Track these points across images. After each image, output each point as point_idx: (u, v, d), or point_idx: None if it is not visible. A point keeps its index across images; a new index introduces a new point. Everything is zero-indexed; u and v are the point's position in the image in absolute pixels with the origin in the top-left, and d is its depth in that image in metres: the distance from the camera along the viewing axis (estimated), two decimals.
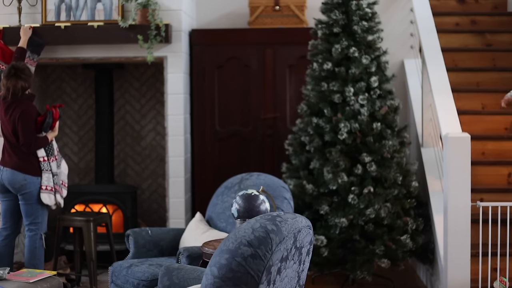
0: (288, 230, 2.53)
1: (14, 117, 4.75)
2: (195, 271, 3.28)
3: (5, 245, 4.91)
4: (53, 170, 4.92)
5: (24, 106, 4.78)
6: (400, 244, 4.98)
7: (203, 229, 4.47)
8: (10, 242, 4.93)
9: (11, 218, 4.93)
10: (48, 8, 5.66)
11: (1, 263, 4.89)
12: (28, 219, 4.85)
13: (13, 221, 4.94)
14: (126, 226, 5.90)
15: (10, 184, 4.80)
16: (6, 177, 4.79)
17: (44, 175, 4.86)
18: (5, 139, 4.89)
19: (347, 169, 5.01)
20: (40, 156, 4.88)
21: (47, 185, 4.84)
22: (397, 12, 6.47)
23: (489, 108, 5.88)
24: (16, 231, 4.98)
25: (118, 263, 4.28)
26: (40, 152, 4.88)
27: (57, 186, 4.92)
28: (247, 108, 6.04)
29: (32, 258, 4.85)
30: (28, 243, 4.86)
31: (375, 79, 5.13)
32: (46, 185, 4.83)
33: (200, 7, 6.49)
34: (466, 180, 4.47)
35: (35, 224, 4.86)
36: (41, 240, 4.87)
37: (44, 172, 4.86)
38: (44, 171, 4.87)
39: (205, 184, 6.01)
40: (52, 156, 4.94)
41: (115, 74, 6.36)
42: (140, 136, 6.46)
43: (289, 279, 2.64)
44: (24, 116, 4.74)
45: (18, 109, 4.76)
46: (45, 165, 4.89)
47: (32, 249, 4.85)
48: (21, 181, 4.78)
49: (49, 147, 4.94)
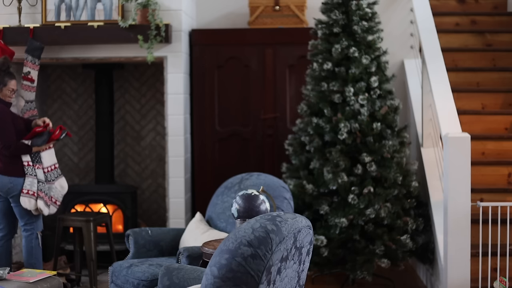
0: (288, 230, 2.53)
1: None
2: (195, 271, 3.28)
3: (1, 246, 4.91)
4: (38, 177, 4.89)
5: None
6: (400, 244, 4.98)
7: (203, 229, 4.47)
8: (6, 243, 4.93)
9: (4, 219, 4.92)
10: (48, 8, 5.66)
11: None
12: (22, 220, 4.86)
13: (6, 222, 4.93)
14: (126, 226, 5.90)
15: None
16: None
17: (28, 179, 4.83)
18: None
19: (347, 169, 5.01)
20: (24, 160, 4.87)
21: (29, 190, 4.81)
22: (397, 12, 6.47)
23: (489, 108, 5.88)
24: (11, 232, 4.97)
25: (118, 263, 4.28)
26: (24, 157, 4.87)
27: (41, 193, 4.87)
28: (247, 108, 6.04)
29: (30, 257, 4.86)
30: (25, 243, 4.87)
31: (375, 79, 5.13)
32: (28, 189, 4.80)
33: (200, 7, 6.49)
34: (466, 180, 4.47)
35: (30, 224, 4.87)
36: (37, 239, 4.87)
37: (27, 176, 4.84)
38: (27, 175, 4.84)
39: (205, 184, 6.01)
40: (38, 164, 4.93)
41: (115, 74, 6.36)
42: (140, 136, 6.46)
43: (289, 279, 2.64)
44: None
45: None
46: (29, 170, 4.86)
47: (29, 249, 4.86)
48: (8, 184, 4.78)
49: (35, 155, 4.93)
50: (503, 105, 5.91)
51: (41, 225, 4.94)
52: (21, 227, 4.90)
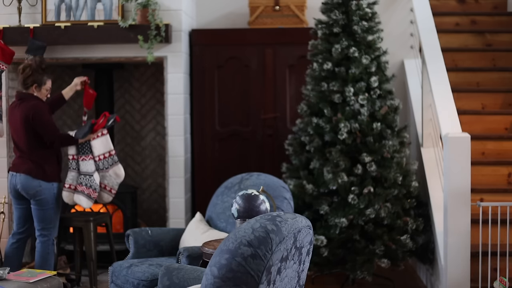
0: (288, 230, 2.53)
1: (26, 117, 4.70)
2: (195, 271, 3.28)
3: (16, 247, 4.90)
4: (81, 169, 4.89)
5: (32, 105, 4.74)
6: (400, 244, 4.98)
7: (203, 229, 4.47)
8: (21, 245, 4.93)
9: (26, 223, 4.93)
10: (48, 8, 5.66)
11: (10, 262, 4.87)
12: (40, 225, 4.82)
13: (27, 226, 4.94)
14: (126, 226, 5.89)
15: (24, 190, 4.76)
16: (20, 182, 4.74)
17: (70, 174, 4.88)
18: (15, 146, 4.86)
19: (347, 169, 5.01)
20: (70, 154, 4.89)
21: (71, 184, 4.85)
22: (397, 12, 6.47)
23: (489, 108, 5.89)
24: (29, 235, 4.98)
25: (118, 263, 4.28)
26: (70, 150, 4.88)
27: (81, 186, 4.88)
28: (247, 108, 6.05)
29: (44, 263, 4.82)
30: (40, 249, 4.82)
31: (375, 79, 5.13)
32: (70, 184, 4.84)
33: (200, 7, 6.49)
34: (466, 180, 4.47)
35: (48, 230, 4.84)
36: (53, 246, 4.87)
37: (70, 171, 4.89)
38: (70, 169, 4.88)
39: (205, 184, 6.01)
40: (85, 155, 4.92)
41: (115, 74, 6.36)
42: (140, 136, 6.46)
43: (289, 279, 2.64)
44: (38, 116, 4.71)
45: (27, 109, 4.72)
46: (73, 164, 4.89)
47: (45, 254, 4.82)
48: (36, 187, 4.74)
49: (83, 146, 4.93)
50: (503, 105, 5.91)
51: (57, 231, 4.93)
52: (37, 231, 4.85)
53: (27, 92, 4.82)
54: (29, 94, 4.81)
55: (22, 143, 4.77)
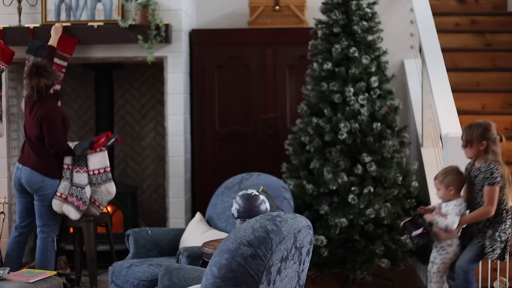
0: (288, 230, 2.53)
1: (38, 117, 4.74)
2: (195, 271, 3.28)
3: (18, 241, 4.91)
4: (74, 181, 4.89)
5: (48, 107, 4.77)
6: (400, 244, 4.98)
7: (203, 229, 4.47)
8: (23, 239, 4.94)
9: (28, 217, 4.93)
10: (48, 8, 5.66)
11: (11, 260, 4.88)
12: (41, 221, 4.83)
13: (29, 220, 4.95)
14: (126, 226, 5.89)
15: (28, 184, 4.78)
16: (24, 176, 4.77)
17: (63, 183, 4.86)
18: (26, 138, 4.88)
19: (347, 169, 5.01)
20: (65, 163, 4.87)
21: (62, 193, 4.83)
22: (397, 12, 6.47)
23: (489, 108, 5.88)
24: (31, 230, 4.98)
25: (118, 263, 4.28)
26: (66, 159, 4.87)
27: (71, 197, 4.87)
28: (247, 108, 6.04)
29: (43, 260, 4.83)
30: (40, 245, 4.84)
31: (375, 79, 5.13)
32: (61, 193, 4.83)
33: (200, 7, 6.49)
34: None
35: (48, 226, 4.86)
36: (53, 243, 4.87)
37: (63, 180, 4.87)
38: (63, 179, 4.87)
39: (205, 184, 6.01)
40: (80, 167, 4.92)
41: (115, 74, 6.36)
42: (140, 136, 6.46)
43: (289, 279, 2.64)
44: (48, 118, 4.73)
45: (42, 110, 4.75)
46: (66, 173, 4.88)
47: (44, 251, 4.83)
48: (40, 183, 4.76)
49: (79, 158, 4.92)
50: (503, 105, 5.91)
51: (58, 228, 4.94)
52: (38, 227, 4.87)
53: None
54: (48, 94, 4.87)
55: (33, 137, 4.81)
